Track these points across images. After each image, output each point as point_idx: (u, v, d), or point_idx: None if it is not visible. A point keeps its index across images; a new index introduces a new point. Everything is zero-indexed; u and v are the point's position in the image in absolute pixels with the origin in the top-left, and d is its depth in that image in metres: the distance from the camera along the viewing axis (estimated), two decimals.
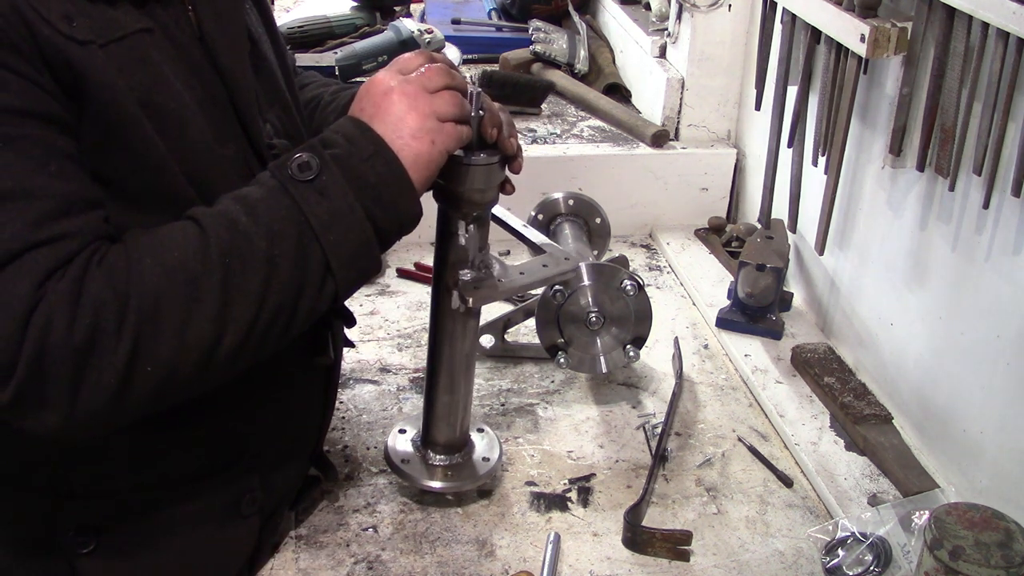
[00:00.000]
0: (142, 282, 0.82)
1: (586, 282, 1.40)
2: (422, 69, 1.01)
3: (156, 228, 0.87)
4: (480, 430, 1.31)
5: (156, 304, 0.82)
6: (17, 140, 0.80)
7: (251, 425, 1.07)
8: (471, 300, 1.12)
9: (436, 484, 1.23)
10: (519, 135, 1.98)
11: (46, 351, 0.77)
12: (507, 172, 1.10)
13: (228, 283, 0.85)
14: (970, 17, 1.15)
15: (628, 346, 1.42)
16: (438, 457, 1.25)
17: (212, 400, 0.93)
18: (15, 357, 0.77)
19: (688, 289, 1.82)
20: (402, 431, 1.30)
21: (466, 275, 1.12)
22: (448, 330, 1.17)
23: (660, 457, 1.35)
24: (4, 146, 0.80)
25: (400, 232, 0.98)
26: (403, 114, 0.97)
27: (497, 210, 1.26)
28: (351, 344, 1.41)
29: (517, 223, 1.29)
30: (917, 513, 1.19)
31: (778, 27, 1.56)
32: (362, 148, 0.94)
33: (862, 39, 1.29)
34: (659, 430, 1.40)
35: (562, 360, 1.42)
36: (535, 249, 1.26)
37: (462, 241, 1.11)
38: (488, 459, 1.27)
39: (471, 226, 1.10)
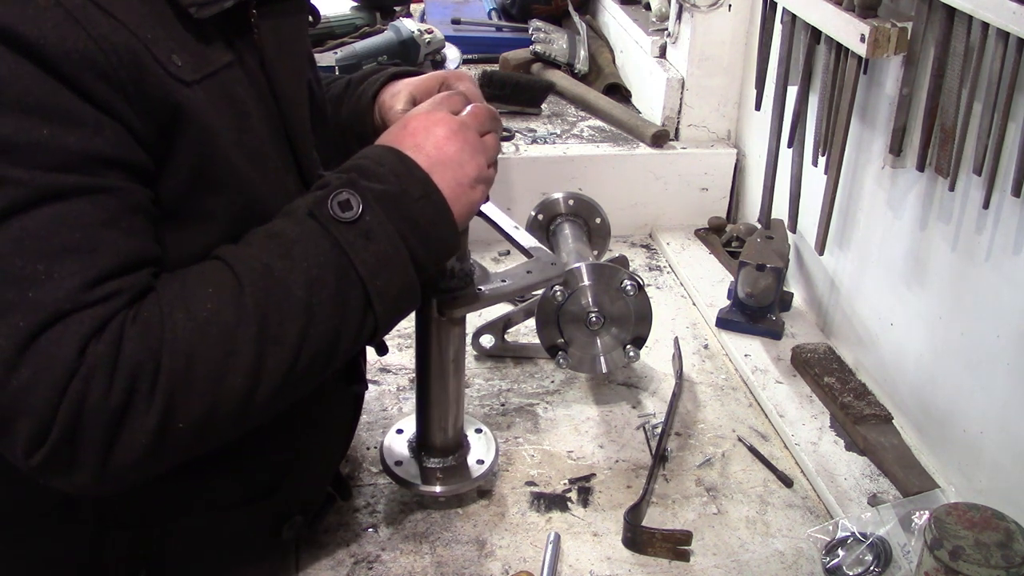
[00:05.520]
0: (175, 339, 0.79)
1: (586, 282, 1.40)
2: (469, 109, 1.01)
3: (187, 273, 0.84)
4: (479, 431, 1.31)
5: (189, 362, 0.79)
6: (98, 191, 0.78)
7: (292, 452, 1.06)
8: (452, 312, 1.12)
9: (429, 488, 1.23)
10: (519, 135, 2.00)
11: (82, 417, 0.75)
12: None
13: (263, 335, 0.82)
14: (970, 17, 1.15)
15: (628, 346, 1.42)
16: (432, 460, 1.25)
17: (256, 429, 0.92)
18: (50, 423, 0.75)
19: (688, 289, 1.82)
20: (399, 431, 1.30)
21: (446, 285, 1.11)
22: (433, 336, 1.17)
23: (660, 457, 1.35)
24: (83, 196, 0.77)
25: (437, 266, 0.97)
26: (465, 162, 0.96)
27: (490, 209, 1.25)
28: None
29: (508, 224, 1.26)
30: (917, 513, 1.19)
31: (778, 27, 1.56)
32: (412, 188, 0.92)
33: (862, 39, 1.29)
34: (659, 430, 1.40)
35: (562, 360, 1.43)
36: (523, 252, 1.24)
37: None
38: (483, 461, 1.26)
39: None
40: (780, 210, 1.62)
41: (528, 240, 1.25)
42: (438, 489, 1.23)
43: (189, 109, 0.83)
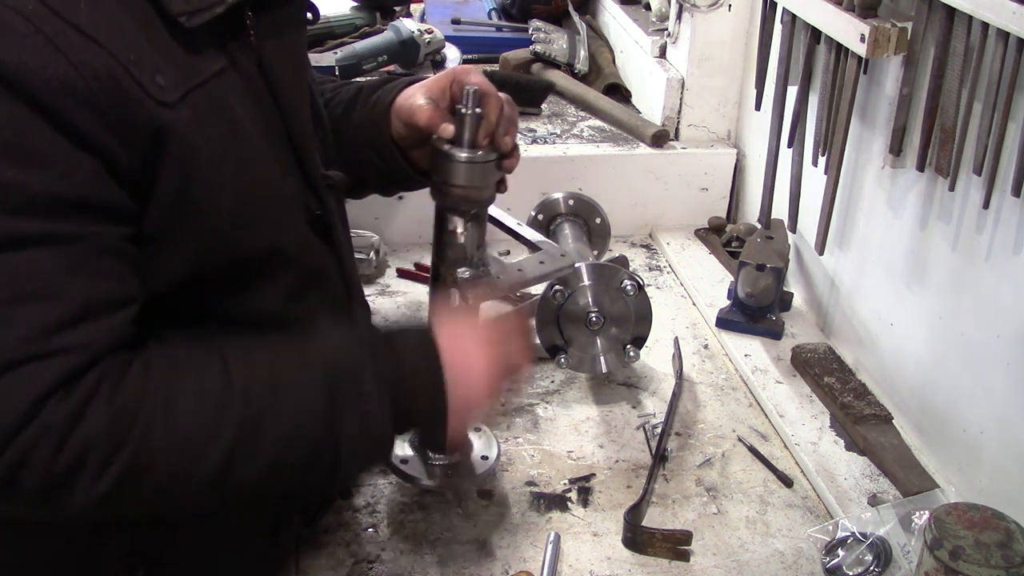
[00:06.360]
0: (144, 439, 0.78)
1: (586, 282, 1.40)
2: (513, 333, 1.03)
3: (184, 362, 0.84)
4: (477, 428, 1.31)
5: (150, 464, 0.79)
6: (60, 238, 0.76)
7: None
8: (470, 298, 1.12)
9: (436, 483, 1.23)
10: (519, 135, 1.99)
11: (23, 470, 0.74)
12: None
13: (232, 458, 0.82)
14: (970, 17, 1.15)
15: (628, 346, 1.42)
16: (436, 456, 1.25)
17: None
18: None
19: (688, 289, 1.82)
20: None
21: (464, 273, 1.12)
22: None
23: (660, 457, 1.35)
24: (42, 244, 0.75)
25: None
26: (483, 399, 0.98)
27: (491, 209, 1.26)
28: None
29: (511, 221, 1.28)
30: (917, 513, 1.19)
31: (778, 27, 1.56)
32: (424, 404, 0.93)
33: (862, 39, 1.29)
34: (659, 430, 1.40)
35: (562, 360, 1.42)
36: (531, 247, 1.26)
37: (460, 239, 1.11)
38: (487, 457, 1.27)
39: (469, 224, 1.10)
40: (780, 210, 1.62)
41: (533, 235, 1.27)
42: (446, 485, 1.23)
43: (171, 130, 0.81)
